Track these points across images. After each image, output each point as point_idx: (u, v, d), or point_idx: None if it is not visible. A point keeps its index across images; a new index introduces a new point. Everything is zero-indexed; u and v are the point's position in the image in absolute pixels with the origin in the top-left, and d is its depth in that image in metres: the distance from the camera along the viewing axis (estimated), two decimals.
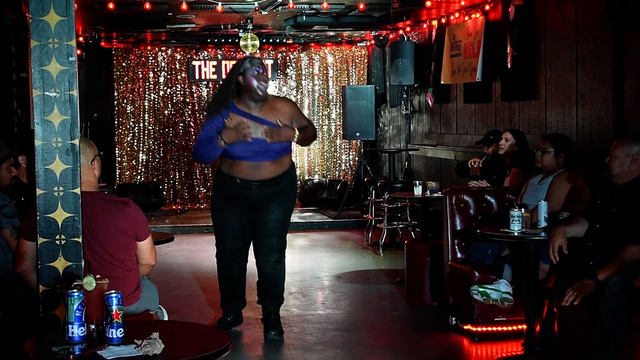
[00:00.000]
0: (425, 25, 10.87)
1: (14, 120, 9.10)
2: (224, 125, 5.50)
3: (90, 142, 4.20)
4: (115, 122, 13.13)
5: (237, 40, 11.68)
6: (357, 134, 11.73)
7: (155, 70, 13.35)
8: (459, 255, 6.13)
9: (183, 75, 13.43)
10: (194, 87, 13.51)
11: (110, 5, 8.87)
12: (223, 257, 5.91)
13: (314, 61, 13.84)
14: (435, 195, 7.52)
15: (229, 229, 5.79)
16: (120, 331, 3.07)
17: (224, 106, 5.51)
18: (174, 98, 13.44)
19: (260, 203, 5.67)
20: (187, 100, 13.50)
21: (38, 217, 3.64)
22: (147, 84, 13.33)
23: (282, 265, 5.84)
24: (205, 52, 13.44)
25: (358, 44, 13.79)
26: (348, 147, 13.94)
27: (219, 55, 13.46)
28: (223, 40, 12.86)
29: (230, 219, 5.77)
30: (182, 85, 13.45)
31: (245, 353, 5.52)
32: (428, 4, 9.18)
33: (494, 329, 5.68)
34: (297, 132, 5.55)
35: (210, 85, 13.54)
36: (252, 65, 5.49)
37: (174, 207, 13.23)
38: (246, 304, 6.09)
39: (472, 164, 7.41)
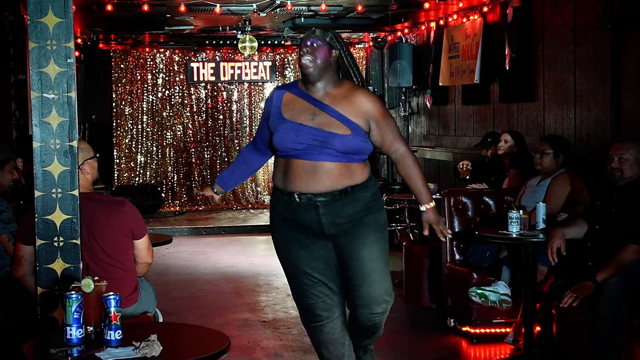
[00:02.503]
0: (423, 27, 10.86)
1: (12, 122, 9.09)
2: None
3: (81, 146, 4.04)
4: (114, 124, 13.13)
5: (235, 42, 11.67)
6: None
7: (154, 72, 13.35)
8: (457, 257, 6.13)
9: (181, 77, 13.43)
10: (192, 88, 13.51)
11: (109, 7, 8.86)
12: (306, 316, 4.19)
13: None
14: (434, 197, 7.49)
15: (301, 277, 4.09)
16: (119, 333, 3.06)
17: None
18: (172, 100, 13.43)
19: (337, 235, 4.02)
20: (186, 102, 13.50)
21: (36, 219, 3.63)
22: (146, 85, 13.33)
23: (389, 308, 4.17)
24: (204, 54, 13.44)
25: (356, 46, 13.77)
26: None
27: (217, 57, 13.46)
28: (221, 42, 12.85)
29: (300, 264, 4.06)
30: (181, 87, 13.45)
31: (244, 355, 5.51)
32: (426, 5, 9.18)
33: (493, 330, 5.69)
34: (431, 202, 4.37)
35: (208, 87, 13.54)
36: (302, 41, 4.06)
37: (172, 208, 13.23)
38: None
39: (461, 167, 7.32)
